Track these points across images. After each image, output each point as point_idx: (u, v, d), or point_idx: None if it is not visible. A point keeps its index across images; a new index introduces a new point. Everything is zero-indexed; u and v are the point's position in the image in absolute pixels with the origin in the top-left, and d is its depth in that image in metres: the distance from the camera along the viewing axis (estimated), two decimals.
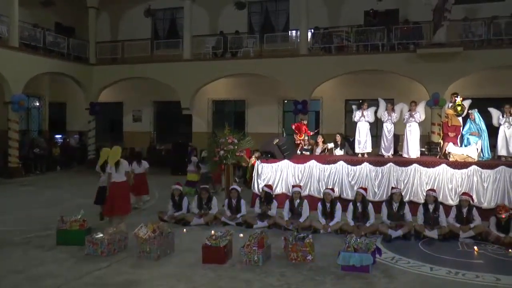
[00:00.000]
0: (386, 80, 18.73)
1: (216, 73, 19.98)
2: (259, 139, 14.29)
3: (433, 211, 9.13)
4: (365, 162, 11.61)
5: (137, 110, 23.92)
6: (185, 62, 20.45)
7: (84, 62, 21.87)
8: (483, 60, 16.63)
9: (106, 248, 7.69)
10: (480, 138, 11.62)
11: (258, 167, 12.20)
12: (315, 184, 11.79)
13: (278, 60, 19.03)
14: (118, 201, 9.00)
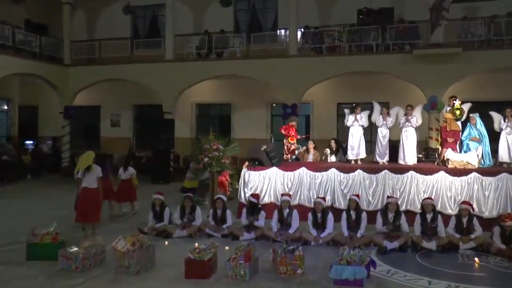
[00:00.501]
0: (381, 82, 18.84)
1: (200, 75, 19.94)
2: (246, 145, 14.27)
3: (431, 220, 9.17)
4: (358, 170, 11.65)
5: (115, 114, 23.78)
6: (167, 63, 20.41)
7: (58, 63, 21.70)
8: (483, 61, 16.77)
9: (81, 263, 7.58)
10: (480, 144, 11.74)
11: (245, 175, 12.18)
12: (306, 192, 11.80)
13: (266, 61, 19.05)
14: (89, 208, 9.17)
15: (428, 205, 9.31)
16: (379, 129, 12.65)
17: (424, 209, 9.32)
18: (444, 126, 12.15)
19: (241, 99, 21.45)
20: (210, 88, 21.66)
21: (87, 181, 9.66)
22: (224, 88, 21.67)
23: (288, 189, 11.85)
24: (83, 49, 22.42)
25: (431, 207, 9.29)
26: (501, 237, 8.76)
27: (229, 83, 21.20)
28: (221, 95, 21.93)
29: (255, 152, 12.66)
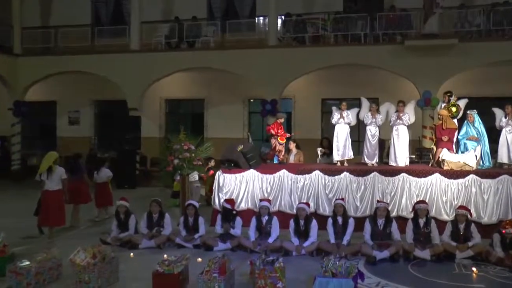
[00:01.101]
0: (370, 76, 18.96)
1: (169, 67, 19.82)
2: (221, 145, 14.21)
3: (424, 225, 9.27)
4: (345, 172, 11.71)
5: (74, 111, 23.50)
6: (133, 54, 20.25)
7: (7, 52, 21.32)
8: (481, 53, 16.96)
9: (34, 278, 7.45)
10: (479, 143, 11.89)
11: (219, 178, 12.14)
12: (287, 197, 11.81)
13: (243, 52, 19.03)
14: (52, 211, 9.42)
15: (422, 210, 9.40)
16: (368, 127, 12.69)
17: (418, 214, 9.41)
18: (439, 124, 12.27)
19: (216, 94, 21.40)
20: (181, 82, 21.57)
21: (49, 183, 10.18)
22: (196, 82, 21.59)
23: (267, 193, 11.84)
24: (36, 37, 22.06)
25: (425, 212, 9.39)
26: (501, 245, 8.85)
27: (202, 76, 21.13)
28: (193, 90, 21.84)
29: (230, 153, 12.61)
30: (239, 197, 11.91)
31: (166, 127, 22.11)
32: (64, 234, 11.06)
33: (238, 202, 11.65)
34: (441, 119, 12.20)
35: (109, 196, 13.25)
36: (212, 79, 21.00)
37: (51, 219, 10.53)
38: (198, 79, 21.45)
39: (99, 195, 13.10)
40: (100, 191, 13.16)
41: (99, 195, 13.11)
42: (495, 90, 17.95)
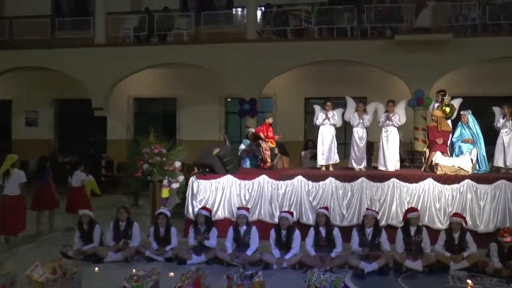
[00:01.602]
0: (357, 74, 19.07)
1: (138, 63, 19.72)
2: (195, 148, 14.15)
3: (415, 234, 9.36)
4: (330, 177, 11.76)
5: (31, 111, 23.28)
6: (98, 48, 20.10)
7: None
8: (477, 50, 17.12)
9: None
10: (475, 146, 12.02)
11: (193, 184, 12.11)
12: (267, 206, 11.83)
13: (219, 47, 19.01)
14: (9, 219, 9.39)
15: (415, 219, 9.49)
16: (355, 129, 12.79)
17: (410, 222, 9.48)
18: (432, 125, 12.37)
19: (189, 92, 21.35)
20: (151, 80, 21.50)
21: (8, 188, 10.38)
22: (168, 80, 21.54)
23: (246, 201, 11.85)
24: None
25: (418, 220, 9.48)
26: (499, 255, 8.94)
27: (175, 73, 21.08)
28: (164, 88, 21.77)
29: (205, 156, 12.59)
30: (215, 205, 11.88)
31: (134, 128, 21.99)
32: (21, 246, 10.94)
33: (214, 211, 11.58)
34: (435, 120, 12.31)
35: (85, 202, 13.01)
36: (185, 76, 20.95)
37: (7, 227, 10.56)
38: (170, 76, 21.39)
39: (72, 201, 13.00)
40: (73, 196, 13.08)
41: (72, 200, 13.04)
42: (492, 89, 18.16)
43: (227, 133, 19.77)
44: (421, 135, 16.43)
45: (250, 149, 14.40)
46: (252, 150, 14.31)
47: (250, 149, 14.41)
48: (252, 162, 14.36)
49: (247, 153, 14.44)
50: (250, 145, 14.48)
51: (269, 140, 13.34)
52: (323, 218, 9.63)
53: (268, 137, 13.33)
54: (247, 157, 14.43)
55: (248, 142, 14.64)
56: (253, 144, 14.35)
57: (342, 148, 15.25)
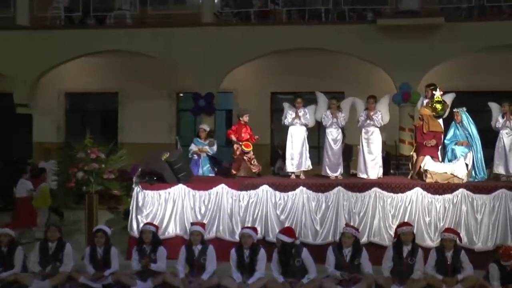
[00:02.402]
0: (333, 64, 19.15)
1: (71, 50, 19.49)
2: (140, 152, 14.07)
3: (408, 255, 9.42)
4: (301, 186, 11.76)
5: None
6: (21, 31, 19.79)
7: None
8: (473, 36, 17.24)
9: None
10: (470, 149, 12.12)
11: (137, 196, 11.99)
12: (226, 220, 11.76)
13: (169, 31, 18.91)
14: None
15: (407, 234, 9.52)
16: (328, 130, 12.76)
17: (402, 240, 9.51)
18: (420, 125, 12.45)
19: (133, 86, 21.18)
20: (87, 70, 21.31)
21: None
22: (108, 71, 21.35)
23: (201, 215, 11.78)
24: None
25: (411, 237, 9.51)
26: (500, 278, 9.00)
27: (116, 63, 20.92)
28: (103, 81, 21.56)
29: (153, 162, 12.49)
30: (164, 221, 11.79)
31: (66, 129, 21.76)
32: None
33: (162, 227, 11.54)
34: (423, 119, 12.39)
35: (32, 214, 13.07)
36: (128, 66, 20.79)
37: None
38: (110, 67, 21.21)
39: (18, 214, 13.05)
40: (19, 209, 13.13)
41: (17, 213, 13.09)
42: (490, 82, 18.36)
43: (179, 134, 19.67)
44: (408, 137, 16.54)
45: (201, 150, 14.32)
46: (204, 151, 14.24)
47: (201, 149, 14.34)
48: (212, 166, 14.33)
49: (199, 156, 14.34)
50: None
51: (243, 142, 13.09)
52: (249, 239, 9.66)
53: (243, 139, 13.09)
54: (207, 160, 14.35)
55: (201, 142, 14.55)
56: (206, 144, 14.32)
57: (316, 152, 15.26)
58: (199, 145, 14.61)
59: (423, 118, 12.43)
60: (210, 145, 14.73)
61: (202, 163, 14.51)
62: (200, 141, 14.71)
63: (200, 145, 14.61)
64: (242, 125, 13.28)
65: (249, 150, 13.14)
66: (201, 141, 14.71)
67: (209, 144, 14.73)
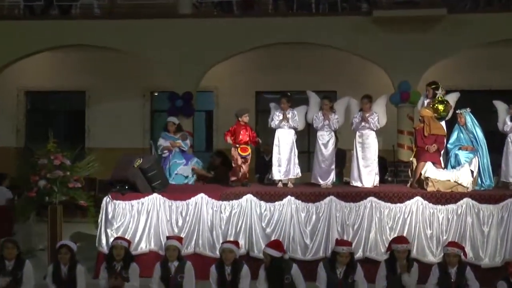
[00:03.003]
0: (324, 60, 19.20)
1: (32, 44, 19.37)
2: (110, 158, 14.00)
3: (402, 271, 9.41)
4: (288, 196, 11.72)
5: None
6: None
7: None
8: (478, 29, 17.34)
9: None
10: (475, 155, 12.10)
11: (107, 207, 11.94)
12: (206, 234, 11.71)
13: (142, 24, 18.88)
14: None
15: (402, 252, 9.51)
16: (319, 133, 12.76)
17: (396, 257, 9.51)
18: (421, 127, 12.44)
19: (103, 84, 21.16)
20: (51, 67, 21.30)
21: None
22: (74, 67, 21.30)
23: (178, 228, 11.73)
24: None
25: (405, 254, 9.51)
26: None
27: (83, 58, 20.89)
28: (69, 78, 21.46)
29: (124, 169, 12.45)
30: (137, 235, 11.73)
31: (27, 132, 21.71)
32: None
33: (135, 242, 11.49)
34: (424, 121, 12.39)
35: (10, 225, 13.18)
36: (97, 62, 20.77)
37: None
38: (77, 63, 21.18)
39: None
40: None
41: None
42: (497, 80, 18.49)
43: (154, 138, 19.62)
44: (407, 141, 16.57)
45: (174, 144, 14.28)
46: (177, 145, 14.19)
47: (173, 143, 14.30)
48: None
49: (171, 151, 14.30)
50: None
51: (240, 145, 12.81)
52: (267, 260, 9.58)
53: (240, 142, 12.82)
54: (180, 155, 14.26)
55: (172, 136, 14.47)
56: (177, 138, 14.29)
57: (306, 157, 15.27)
58: (170, 140, 14.47)
59: (424, 119, 12.40)
60: (183, 139, 14.57)
61: (171, 159, 14.38)
62: (170, 135, 14.58)
63: (171, 139, 14.47)
64: (241, 126, 13.02)
65: (246, 154, 12.92)
66: (171, 135, 14.58)
67: (182, 137, 14.58)
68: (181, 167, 14.34)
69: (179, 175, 14.26)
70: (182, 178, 14.27)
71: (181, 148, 14.37)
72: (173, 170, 14.24)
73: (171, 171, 14.20)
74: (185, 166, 14.41)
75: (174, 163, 14.32)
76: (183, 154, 14.43)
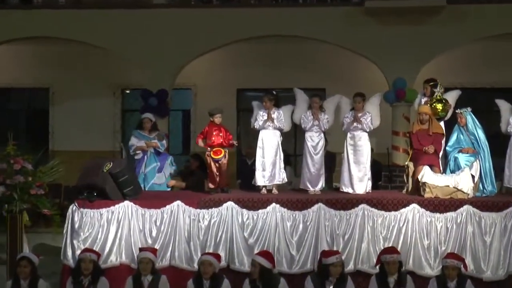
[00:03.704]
0: (312, 55, 19.26)
1: None
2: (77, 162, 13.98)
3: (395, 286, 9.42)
4: (273, 203, 11.70)
5: None
6: None
7: None
8: (480, 21, 17.45)
9: None
10: (477, 158, 12.14)
11: (73, 216, 11.89)
12: (183, 245, 11.67)
13: (112, 14, 18.91)
14: None
15: (391, 264, 9.55)
16: (307, 134, 12.78)
17: (386, 269, 9.55)
18: (418, 128, 12.47)
19: (69, 81, 21.16)
20: (11, 61, 21.27)
21: None
22: (36, 62, 21.31)
23: (152, 239, 11.66)
24: None
25: (396, 266, 9.54)
26: None
27: (46, 52, 20.91)
28: (30, 74, 21.47)
29: (92, 174, 12.39)
30: (107, 246, 11.62)
31: None
32: None
33: (104, 254, 11.40)
34: (421, 120, 12.45)
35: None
36: (62, 56, 20.80)
37: None
38: (39, 57, 21.21)
39: None
40: None
41: None
42: (500, 77, 18.59)
43: (125, 140, 19.59)
44: (403, 143, 16.61)
45: (149, 144, 14.18)
46: (153, 145, 14.10)
47: (149, 144, 14.16)
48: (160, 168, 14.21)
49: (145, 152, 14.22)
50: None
51: (213, 149, 12.60)
52: (256, 268, 9.65)
53: (213, 144, 12.65)
54: (154, 158, 14.15)
55: (146, 135, 14.29)
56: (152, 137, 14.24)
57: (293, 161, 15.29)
58: (144, 139, 14.24)
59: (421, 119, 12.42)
60: (160, 139, 14.37)
61: (147, 163, 14.19)
62: (144, 134, 14.38)
63: (145, 139, 14.25)
64: (214, 127, 12.89)
65: (218, 158, 12.62)
66: (145, 133, 14.38)
67: (158, 137, 14.36)
68: (156, 176, 14.25)
69: (155, 185, 14.20)
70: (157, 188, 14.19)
71: (158, 149, 14.19)
72: (150, 178, 14.17)
73: (148, 179, 14.13)
74: (159, 173, 14.29)
75: (151, 171, 14.19)
76: (157, 156, 14.24)
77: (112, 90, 21.14)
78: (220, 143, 12.58)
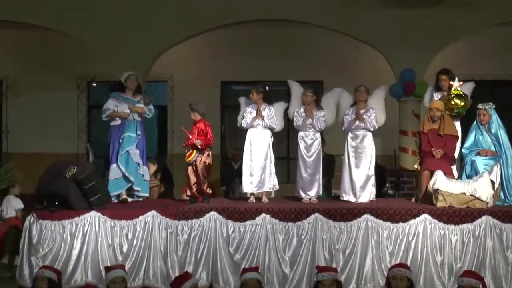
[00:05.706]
0: (307, 42, 19.29)
1: None
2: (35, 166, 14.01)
3: None
4: (263, 214, 11.70)
5: None
6: None
7: None
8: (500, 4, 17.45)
9: None
10: (497, 161, 12.18)
11: (31, 228, 11.89)
12: (159, 262, 11.69)
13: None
14: None
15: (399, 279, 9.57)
16: (301, 134, 12.81)
17: (393, 286, 9.58)
18: (430, 128, 12.44)
19: (26, 72, 21.20)
20: None
21: None
22: None
23: (123, 255, 11.69)
24: None
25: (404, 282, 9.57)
26: None
27: None
28: None
29: (53, 180, 12.40)
30: (70, 264, 11.66)
31: None
32: None
33: (67, 273, 11.44)
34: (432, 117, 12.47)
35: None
36: (17, 44, 20.84)
37: None
38: None
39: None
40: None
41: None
42: None
43: (91, 141, 19.59)
44: (412, 144, 16.66)
45: (133, 109, 13.26)
46: (137, 110, 13.13)
47: (133, 108, 13.13)
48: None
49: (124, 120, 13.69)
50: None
51: (188, 154, 12.58)
52: (251, 286, 9.66)
53: (189, 145, 12.62)
54: (136, 125, 13.35)
55: (129, 98, 13.27)
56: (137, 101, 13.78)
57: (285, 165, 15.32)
58: (127, 102, 13.32)
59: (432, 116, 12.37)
60: (146, 103, 13.49)
61: (125, 129, 13.17)
62: (126, 97, 13.43)
63: (128, 102, 13.30)
64: (193, 125, 12.88)
65: (189, 160, 12.54)
66: (127, 96, 13.45)
67: (144, 101, 13.44)
68: (133, 149, 13.20)
69: (134, 163, 13.21)
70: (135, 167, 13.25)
71: (145, 115, 13.30)
72: (125, 146, 13.14)
73: (123, 146, 13.15)
74: (136, 149, 13.20)
75: (128, 138, 13.17)
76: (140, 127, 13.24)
77: (76, 83, 21.16)
78: (193, 144, 12.45)
